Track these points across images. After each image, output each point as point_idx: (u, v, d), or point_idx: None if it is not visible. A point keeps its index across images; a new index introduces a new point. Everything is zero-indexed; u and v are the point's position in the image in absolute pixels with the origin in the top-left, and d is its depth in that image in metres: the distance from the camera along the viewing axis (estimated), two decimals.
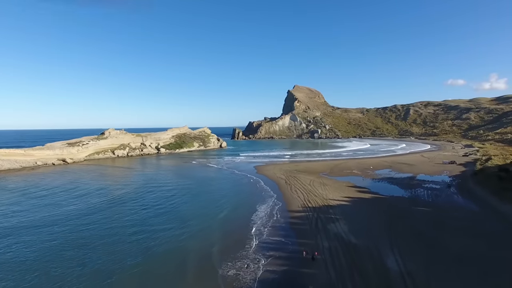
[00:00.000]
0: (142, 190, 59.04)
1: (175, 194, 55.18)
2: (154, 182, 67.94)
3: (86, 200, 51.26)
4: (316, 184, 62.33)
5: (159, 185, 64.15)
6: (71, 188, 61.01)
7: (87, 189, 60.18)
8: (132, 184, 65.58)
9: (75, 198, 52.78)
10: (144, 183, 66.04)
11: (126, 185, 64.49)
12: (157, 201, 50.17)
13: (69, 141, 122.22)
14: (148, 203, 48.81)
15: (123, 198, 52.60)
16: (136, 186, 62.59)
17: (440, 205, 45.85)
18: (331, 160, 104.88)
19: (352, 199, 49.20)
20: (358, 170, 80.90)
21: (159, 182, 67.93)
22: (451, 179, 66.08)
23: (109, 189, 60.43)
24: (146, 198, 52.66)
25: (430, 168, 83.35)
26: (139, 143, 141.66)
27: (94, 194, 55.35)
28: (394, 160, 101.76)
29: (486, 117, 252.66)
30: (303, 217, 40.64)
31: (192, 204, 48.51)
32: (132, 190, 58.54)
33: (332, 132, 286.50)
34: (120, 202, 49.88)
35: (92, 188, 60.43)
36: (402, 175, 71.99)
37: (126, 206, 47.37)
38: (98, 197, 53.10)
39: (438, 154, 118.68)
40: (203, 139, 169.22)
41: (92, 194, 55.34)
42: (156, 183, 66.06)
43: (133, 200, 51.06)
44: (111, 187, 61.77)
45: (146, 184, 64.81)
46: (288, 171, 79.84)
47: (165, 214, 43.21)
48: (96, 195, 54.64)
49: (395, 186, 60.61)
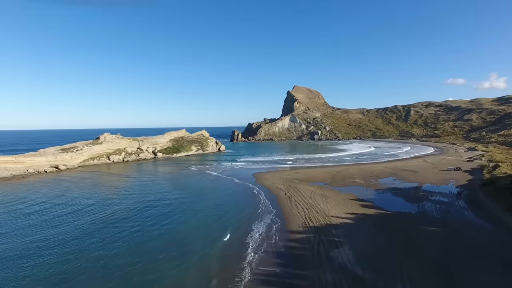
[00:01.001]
0: (136, 205, 55.32)
1: (171, 211, 51.53)
2: (149, 194, 64.45)
3: (74, 219, 47.62)
4: (317, 196, 59.24)
5: (155, 198, 60.60)
6: (60, 203, 57.40)
7: (76, 204, 56.72)
8: (125, 197, 62.11)
9: (63, 216, 49.20)
10: (139, 196, 62.58)
11: (119, 199, 61.02)
12: (152, 220, 46.56)
13: (62, 146, 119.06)
14: (142, 223, 45.15)
15: (115, 216, 49.02)
16: (129, 201, 59.05)
17: (450, 223, 42.79)
18: (333, 166, 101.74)
19: (356, 216, 46.08)
20: (361, 178, 77.79)
21: (155, 194, 64.46)
22: (458, 189, 62.97)
23: (100, 204, 56.92)
24: (140, 216, 49.09)
25: (435, 175, 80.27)
26: (136, 148, 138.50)
27: (84, 212, 51.74)
28: (397, 166, 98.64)
29: (488, 118, 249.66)
30: (303, 240, 37.53)
31: (189, 224, 44.86)
32: (126, 206, 54.94)
33: (332, 134, 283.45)
34: (112, 221, 46.19)
35: (82, 204, 56.82)
36: (407, 185, 68.88)
37: (118, 227, 43.73)
38: (88, 215, 49.52)
39: (442, 159, 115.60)
40: (201, 143, 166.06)
41: (81, 212, 51.68)
42: (151, 196, 62.57)
43: (126, 219, 47.33)
44: (103, 202, 58.23)
45: (140, 198, 61.22)
46: (288, 180, 76.72)
47: (160, 237, 39.66)
48: (86, 213, 51.08)
49: (400, 198, 57.53)
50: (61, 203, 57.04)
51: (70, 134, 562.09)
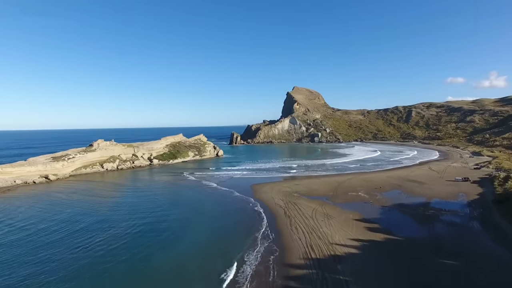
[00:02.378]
0: (126, 231, 49.26)
1: (164, 240, 45.45)
2: (140, 213, 59.20)
3: (52, 251, 41.67)
4: (319, 215, 55.09)
5: (146, 221, 54.25)
6: (42, 228, 51.46)
7: (59, 229, 50.52)
8: (114, 218, 56.20)
9: (38, 248, 42.74)
10: (128, 217, 57.07)
11: (106, 220, 55.22)
12: (142, 252, 40.85)
13: (54, 154, 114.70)
14: (131, 257, 39.47)
15: (101, 245, 43.17)
16: (118, 224, 53.16)
17: (467, 253, 38.67)
18: (334, 175, 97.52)
19: (362, 244, 41.89)
20: (365, 191, 73.63)
21: (148, 214, 58.55)
22: (470, 207, 58.81)
23: (85, 228, 50.90)
24: (128, 245, 43.41)
25: (443, 188, 76.10)
26: (131, 154, 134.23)
27: (66, 240, 45.94)
28: (402, 175, 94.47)
29: (491, 119, 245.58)
30: (304, 278, 33.37)
31: (183, 257, 39.59)
32: (114, 233, 48.47)
33: (332, 136, 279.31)
34: (96, 254, 40.40)
35: (66, 230, 50.33)
36: (414, 200, 64.74)
37: (103, 263, 37.63)
38: (69, 245, 43.83)
39: (447, 166, 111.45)
40: (199, 148, 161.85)
41: (63, 240, 45.70)
42: (143, 216, 57.16)
43: (111, 251, 41.22)
44: (88, 227, 51.75)
45: (130, 219, 55.45)
46: (288, 193, 72.55)
47: (150, 276, 35.14)
48: (68, 241, 45.47)
49: (409, 218, 53.38)
50: (40, 229, 50.70)
51: (68, 135, 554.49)
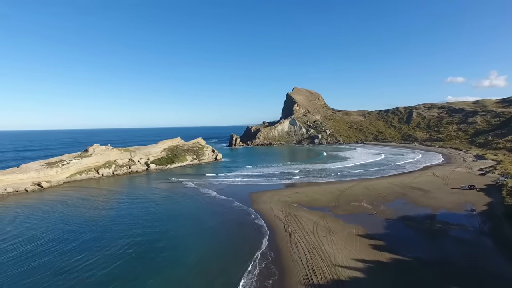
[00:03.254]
0: (119, 251, 45.54)
1: (160, 262, 41.94)
2: (135, 229, 55.24)
3: (37, 278, 38.33)
4: (320, 230, 52.38)
5: (142, 239, 50.21)
6: (24, 251, 46.66)
7: (46, 250, 46.64)
8: (107, 236, 52.18)
9: (21, 274, 39.11)
10: (122, 233, 53.09)
11: (99, 238, 51.13)
12: (135, 278, 37.55)
13: (48, 160, 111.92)
14: (122, 285, 36.17)
15: (91, 269, 39.65)
16: (111, 242, 49.14)
17: (478, 272, 36.13)
18: (336, 182, 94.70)
19: (367, 266, 39.15)
20: (367, 201, 70.92)
21: (143, 230, 54.92)
22: (479, 220, 56.06)
23: (75, 249, 46.74)
24: (121, 269, 40.01)
25: (449, 197, 73.37)
26: (127, 159, 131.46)
27: (54, 262, 42.58)
28: (405, 182, 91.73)
29: (493, 121, 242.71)
30: None
31: (179, 283, 36.51)
32: (106, 254, 44.43)
33: (333, 137, 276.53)
34: (87, 281, 36.98)
35: (54, 250, 46.45)
36: (420, 212, 62.02)
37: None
38: (56, 268, 40.70)
39: (451, 171, 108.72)
40: (197, 152, 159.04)
41: (50, 264, 42.19)
42: (138, 233, 53.12)
43: (102, 277, 37.70)
44: (79, 246, 47.62)
45: (124, 236, 51.54)
46: (288, 204, 69.79)
47: None
48: (55, 264, 42.28)
49: (415, 233, 50.71)
50: (29, 249, 47.16)
51: (67, 135, 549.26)
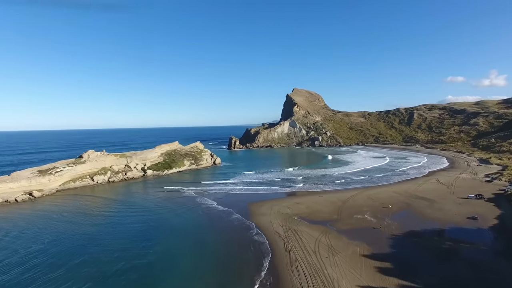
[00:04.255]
0: (108, 280, 41.40)
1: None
2: (128, 250, 50.73)
3: None
4: (322, 249, 49.28)
5: (134, 264, 45.52)
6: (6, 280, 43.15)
7: (26, 279, 42.24)
8: (97, 258, 47.77)
9: None
10: (114, 254, 48.66)
11: (87, 263, 46.43)
12: None
13: (40, 167, 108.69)
14: None
15: None
16: (101, 267, 44.86)
17: None
18: (338, 191, 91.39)
19: None
20: (371, 213, 67.78)
21: (136, 251, 50.42)
22: (492, 237, 52.94)
23: (61, 278, 42.14)
24: None
25: (456, 208, 70.27)
26: (123, 165, 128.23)
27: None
28: (409, 191, 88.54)
29: (495, 122, 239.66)
30: None
31: None
32: (92, 285, 40.27)
33: (333, 139, 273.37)
34: None
35: (37, 279, 42.02)
36: (427, 226, 58.84)
37: None
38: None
39: (456, 178, 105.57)
40: (195, 156, 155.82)
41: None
42: (131, 255, 48.59)
43: None
44: (65, 275, 42.82)
45: (116, 259, 46.93)
46: (288, 217, 66.64)
47: None
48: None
49: (424, 253, 47.52)
50: (8, 280, 42.76)
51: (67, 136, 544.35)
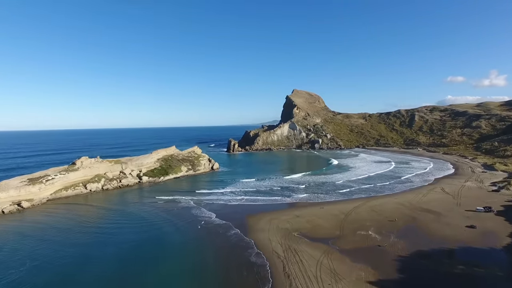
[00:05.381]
0: None
1: None
2: (117, 280, 46.16)
3: None
4: (325, 274, 45.79)
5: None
6: None
7: None
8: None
9: None
10: (102, 284, 45.06)
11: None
12: None
13: (31, 175, 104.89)
14: None
15: None
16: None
17: None
18: (339, 202, 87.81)
19: None
20: (375, 229, 64.32)
21: (127, 276, 46.99)
22: (507, 258, 49.54)
23: None
24: None
25: (464, 222, 66.86)
26: (118, 172, 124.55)
27: None
28: (414, 202, 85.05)
29: (498, 125, 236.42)
30: None
31: None
32: None
33: (333, 142, 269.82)
34: None
35: None
36: (435, 246, 55.21)
37: None
38: None
39: (461, 187, 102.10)
40: (193, 162, 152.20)
41: None
42: (118, 279, 46.00)
43: None
44: None
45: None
46: (287, 233, 63.10)
47: None
48: None
49: (434, 279, 44.04)
50: None
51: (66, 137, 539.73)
